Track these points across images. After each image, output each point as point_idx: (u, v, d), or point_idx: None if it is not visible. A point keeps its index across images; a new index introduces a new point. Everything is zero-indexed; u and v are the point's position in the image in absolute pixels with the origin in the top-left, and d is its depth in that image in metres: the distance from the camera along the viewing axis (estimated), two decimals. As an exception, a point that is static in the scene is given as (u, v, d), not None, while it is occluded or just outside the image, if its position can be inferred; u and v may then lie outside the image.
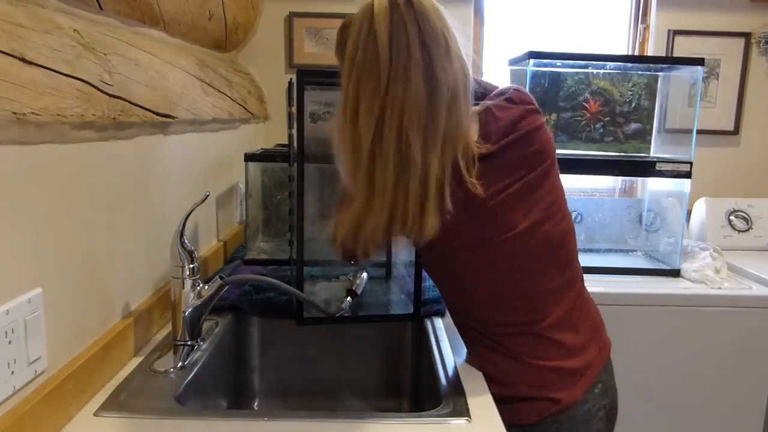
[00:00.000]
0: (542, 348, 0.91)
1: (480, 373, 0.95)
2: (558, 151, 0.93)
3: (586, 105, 2.08)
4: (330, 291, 1.26)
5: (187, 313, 0.99)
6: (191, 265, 0.98)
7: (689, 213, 2.00)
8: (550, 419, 0.90)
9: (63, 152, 0.76)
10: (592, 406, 0.93)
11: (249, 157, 1.44)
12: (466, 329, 0.99)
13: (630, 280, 1.67)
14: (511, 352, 0.91)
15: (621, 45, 2.12)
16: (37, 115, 0.66)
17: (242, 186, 1.59)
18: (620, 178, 2.11)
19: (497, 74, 2.08)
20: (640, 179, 2.04)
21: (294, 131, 1.11)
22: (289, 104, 1.18)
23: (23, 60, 0.65)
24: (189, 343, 1.00)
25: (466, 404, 0.84)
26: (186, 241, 0.98)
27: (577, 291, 0.95)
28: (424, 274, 1.07)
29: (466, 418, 0.81)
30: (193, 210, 0.99)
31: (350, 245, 0.83)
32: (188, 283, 0.98)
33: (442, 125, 0.79)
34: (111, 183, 0.90)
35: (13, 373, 0.67)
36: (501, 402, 0.87)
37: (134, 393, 0.84)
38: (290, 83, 1.14)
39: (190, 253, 0.98)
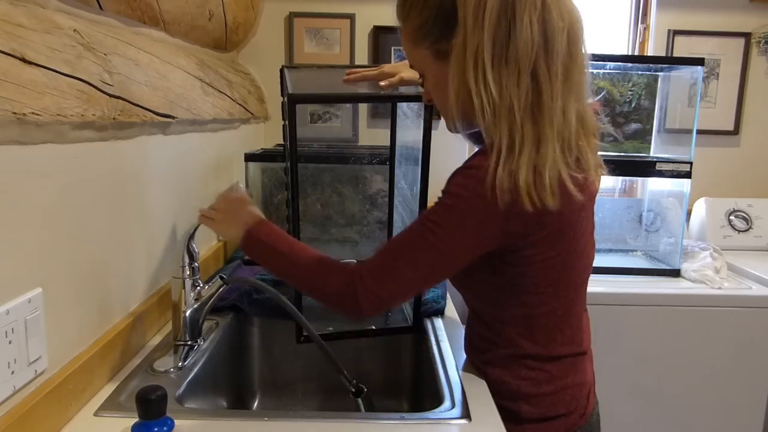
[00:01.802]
0: (581, 365, 0.91)
1: (480, 372, 0.95)
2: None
3: (586, 105, 2.07)
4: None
5: (187, 313, 0.99)
6: (192, 265, 0.98)
7: (689, 213, 2.00)
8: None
9: (63, 152, 0.76)
10: (599, 409, 0.96)
11: (249, 157, 1.44)
12: (516, 352, 0.88)
13: (630, 280, 1.67)
14: (558, 373, 0.88)
15: (621, 45, 2.12)
16: (37, 115, 0.66)
17: (242, 186, 1.58)
18: (620, 178, 2.11)
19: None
20: (640, 179, 2.04)
21: (286, 123, 1.08)
22: (282, 94, 1.15)
23: (23, 60, 0.65)
24: (189, 343, 1.00)
25: (466, 404, 0.84)
26: (193, 244, 0.98)
27: None
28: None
29: (466, 418, 0.81)
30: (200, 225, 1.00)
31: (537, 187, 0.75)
32: (188, 283, 0.99)
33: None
34: (111, 183, 0.90)
35: (13, 373, 0.67)
36: (533, 422, 0.87)
37: (134, 393, 0.84)
38: (282, 70, 1.13)
39: (191, 254, 0.98)
